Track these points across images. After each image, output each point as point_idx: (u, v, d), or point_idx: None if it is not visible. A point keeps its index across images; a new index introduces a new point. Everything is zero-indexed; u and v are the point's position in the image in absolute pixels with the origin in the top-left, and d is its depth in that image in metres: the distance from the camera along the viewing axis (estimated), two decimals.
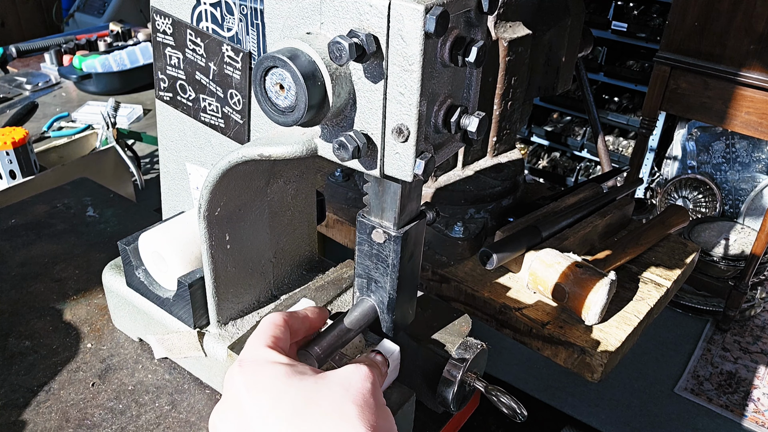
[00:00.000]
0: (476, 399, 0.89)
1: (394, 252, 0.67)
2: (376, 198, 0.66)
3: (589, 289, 0.95)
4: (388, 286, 0.70)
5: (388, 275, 0.69)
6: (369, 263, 0.70)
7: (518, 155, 1.25)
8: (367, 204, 0.68)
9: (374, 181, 0.65)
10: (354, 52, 0.51)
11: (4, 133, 1.52)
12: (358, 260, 0.71)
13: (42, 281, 1.07)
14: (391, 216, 0.66)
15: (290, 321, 0.63)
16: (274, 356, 0.56)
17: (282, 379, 0.53)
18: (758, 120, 2.24)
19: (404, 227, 0.67)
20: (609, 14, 3.41)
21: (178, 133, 0.86)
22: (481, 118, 0.58)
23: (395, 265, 0.68)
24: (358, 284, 0.73)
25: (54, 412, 0.83)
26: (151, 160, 1.99)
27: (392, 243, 0.67)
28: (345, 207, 1.23)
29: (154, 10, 0.79)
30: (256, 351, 0.57)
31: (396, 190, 0.64)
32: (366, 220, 0.68)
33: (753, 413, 2.41)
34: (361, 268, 0.71)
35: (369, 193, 0.67)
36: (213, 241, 0.76)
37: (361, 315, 0.72)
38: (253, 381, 0.54)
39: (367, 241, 0.69)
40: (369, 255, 0.70)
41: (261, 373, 0.54)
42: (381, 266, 0.69)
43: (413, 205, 0.68)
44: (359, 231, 0.69)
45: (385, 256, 0.68)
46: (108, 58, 2.25)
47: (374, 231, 0.67)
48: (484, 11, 0.57)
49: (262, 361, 0.55)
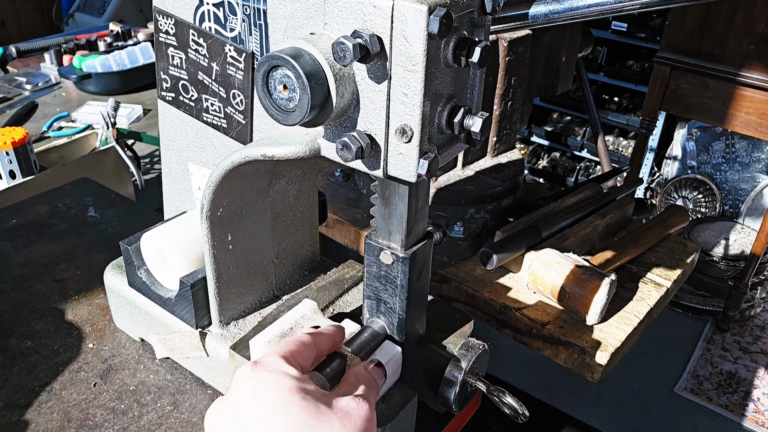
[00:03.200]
0: (478, 399, 0.89)
1: (403, 273, 0.68)
2: (383, 220, 0.67)
3: (590, 289, 0.95)
4: (398, 307, 0.71)
5: (397, 296, 0.70)
6: (378, 284, 0.71)
7: (518, 155, 1.25)
8: (373, 226, 0.68)
9: (381, 203, 0.66)
10: (358, 52, 0.52)
11: (4, 133, 1.52)
12: (367, 282, 0.72)
13: (43, 281, 1.07)
14: (399, 237, 0.67)
15: (318, 342, 0.63)
16: (286, 368, 0.56)
17: (286, 393, 0.54)
18: (758, 120, 2.24)
19: (412, 248, 0.67)
20: None
21: (180, 134, 0.86)
22: (484, 119, 0.58)
23: (404, 286, 0.69)
24: (367, 306, 0.74)
25: (56, 413, 0.83)
26: (151, 160, 1.99)
27: (400, 264, 0.67)
28: (345, 207, 1.23)
29: (156, 11, 0.79)
30: (271, 357, 0.57)
31: (402, 211, 0.64)
32: (374, 242, 0.68)
33: (753, 413, 2.42)
34: (370, 289, 0.72)
35: (376, 215, 0.67)
36: (215, 241, 0.76)
37: (372, 338, 0.73)
38: (259, 387, 0.54)
39: (375, 262, 0.69)
40: (377, 276, 0.70)
41: (268, 380, 0.55)
42: (390, 287, 0.70)
43: (420, 226, 0.69)
44: (367, 253, 0.70)
45: (394, 277, 0.69)
46: (108, 58, 2.25)
47: (382, 252, 0.68)
48: (487, 12, 0.57)
49: (272, 369, 0.56)
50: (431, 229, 0.71)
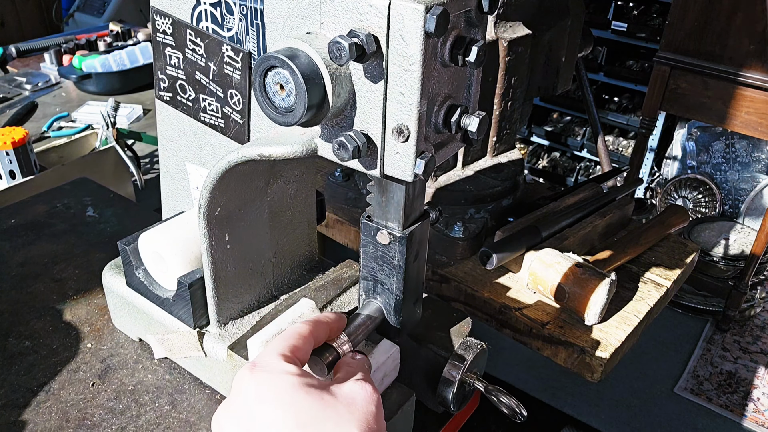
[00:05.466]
0: (476, 399, 0.89)
1: (400, 253, 0.67)
2: (380, 200, 0.66)
3: (589, 289, 0.95)
4: (395, 288, 0.70)
5: (394, 276, 0.69)
6: (374, 265, 0.70)
7: (518, 155, 1.25)
8: (370, 206, 0.68)
9: (377, 182, 0.65)
10: (354, 52, 0.51)
11: (4, 133, 1.52)
12: (363, 262, 0.71)
13: (42, 281, 1.07)
14: (396, 217, 0.66)
15: (315, 331, 0.63)
16: (285, 366, 0.56)
17: (289, 391, 0.54)
18: (758, 120, 2.23)
19: (409, 227, 0.67)
20: (609, 14, 3.41)
21: (178, 133, 0.86)
22: (481, 118, 0.58)
23: (401, 266, 0.68)
24: (363, 286, 0.73)
25: (54, 412, 0.83)
26: (150, 160, 1.99)
27: (397, 244, 0.67)
28: (345, 207, 1.23)
29: (153, 10, 0.79)
30: (269, 357, 0.57)
31: (400, 191, 0.64)
32: (370, 222, 0.68)
33: (753, 413, 2.41)
34: (367, 270, 0.71)
35: (372, 194, 0.67)
36: (213, 241, 0.76)
37: (368, 318, 0.72)
38: (261, 390, 0.54)
39: (371, 243, 0.69)
40: (374, 257, 0.70)
41: (269, 381, 0.55)
42: (387, 268, 0.69)
43: (417, 206, 0.68)
44: (363, 233, 0.69)
45: (391, 258, 0.68)
46: (108, 58, 2.25)
47: (379, 233, 0.67)
48: (484, 11, 0.56)
49: (271, 369, 0.56)
50: (427, 208, 0.71)
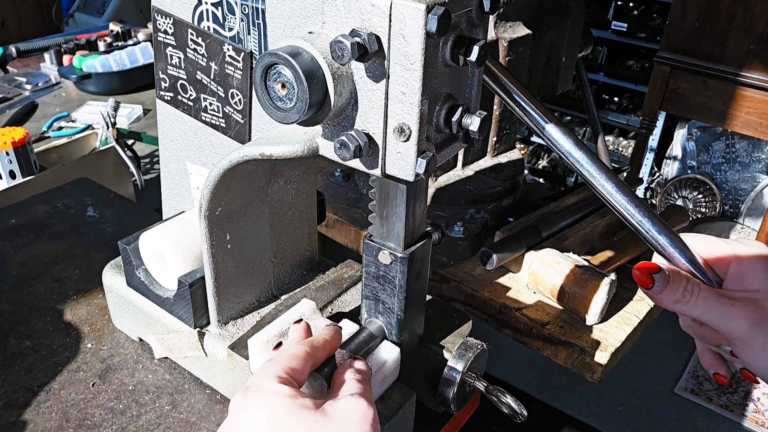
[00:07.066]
0: (476, 399, 0.89)
1: (401, 273, 0.68)
2: (382, 220, 0.66)
3: (589, 289, 0.95)
4: (396, 307, 0.70)
5: (395, 296, 0.70)
6: (376, 284, 0.71)
7: (518, 155, 1.25)
8: (372, 225, 0.68)
9: (379, 203, 0.65)
10: (356, 51, 0.51)
11: (4, 133, 1.52)
12: (365, 282, 0.71)
13: (42, 281, 1.07)
14: (397, 237, 0.66)
15: (314, 353, 0.63)
16: (278, 388, 0.56)
17: (281, 413, 0.54)
18: (758, 120, 2.23)
19: (410, 248, 0.67)
20: (609, 14, 3.41)
21: (179, 133, 0.86)
22: (482, 118, 0.58)
23: (402, 286, 0.68)
24: (365, 306, 0.73)
25: (54, 412, 0.83)
26: (151, 160, 1.99)
27: (399, 264, 0.67)
28: (345, 207, 1.23)
29: (155, 10, 0.79)
30: (261, 380, 0.57)
31: (401, 211, 0.64)
32: (372, 242, 0.68)
33: (753, 413, 2.41)
34: (369, 289, 0.72)
35: (374, 214, 0.67)
36: (214, 240, 0.76)
37: (370, 336, 0.72)
38: (254, 413, 0.55)
39: (373, 262, 0.69)
40: (376, 276, 0.70)
41: (262, 404, 0.55)
42: (388, 287, 0.70)
43: (419, 226, 0.68)
44: (365, 253, 0.69)
45: (392, 278, 0.69)
46: (108, 58, 2.25)
47: (380, 252, 0.68)
48: (485, 11, 0.56)
49: (263, 392, 0.56)
50: (430, 229, 0.71)
